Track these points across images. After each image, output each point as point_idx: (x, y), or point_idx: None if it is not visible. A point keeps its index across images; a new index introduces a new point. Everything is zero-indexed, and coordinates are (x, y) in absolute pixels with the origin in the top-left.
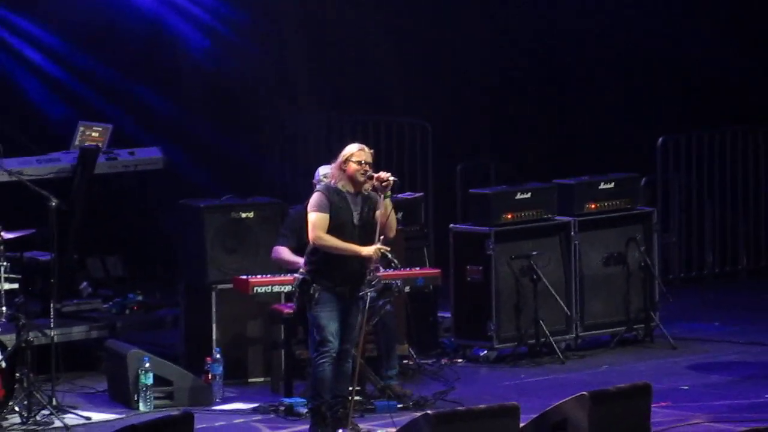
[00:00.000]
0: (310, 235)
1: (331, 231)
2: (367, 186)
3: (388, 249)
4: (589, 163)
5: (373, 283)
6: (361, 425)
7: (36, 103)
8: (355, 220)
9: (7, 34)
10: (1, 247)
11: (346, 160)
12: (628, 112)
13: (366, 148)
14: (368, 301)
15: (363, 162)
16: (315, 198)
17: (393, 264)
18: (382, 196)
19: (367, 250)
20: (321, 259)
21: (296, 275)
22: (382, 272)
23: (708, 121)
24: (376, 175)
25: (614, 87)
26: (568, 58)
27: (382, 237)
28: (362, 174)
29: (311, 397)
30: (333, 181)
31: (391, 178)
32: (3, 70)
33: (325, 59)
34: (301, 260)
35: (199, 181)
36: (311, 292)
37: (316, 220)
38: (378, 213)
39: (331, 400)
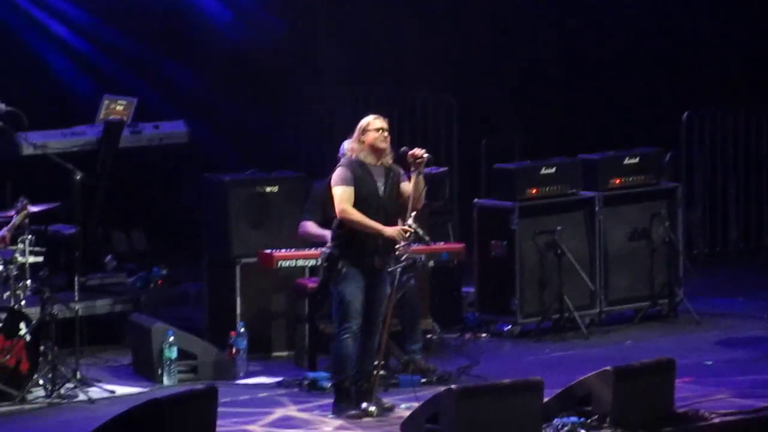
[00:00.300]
0: (337, 208)
1: (356, 203)
2: (388, 159)
3: (416, 226)
4: (614, 139)
5: (402, 259)
6: (384, 399)
7: (61, 76)
8: (380, 192)
9: (33, 8)
10: (27, 221)
11: (364, 131)
12: (653, 87)
13: (380, 117)
14: (397, 277)
15: (381, 129)
16: (338, 172)
17: (425, 239)
18: (416, 172)
19: (390, 231)
20: (348, 233)
21: (323, 249)
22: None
23: (733, 96)
24: (410, 152)
25: (640, 62)
26: (593, 32)
27: (414, 213)
28: (382, 140)
29: (334, 373)
30: (353, 155)
31: (426, 155)
32: (29, 43)
33: (350, 32)
34: (328, 233)
35: (223, 154)
36: (338, 267)
37: (341, 193)
38: (404, 186)
39: (356, 374)
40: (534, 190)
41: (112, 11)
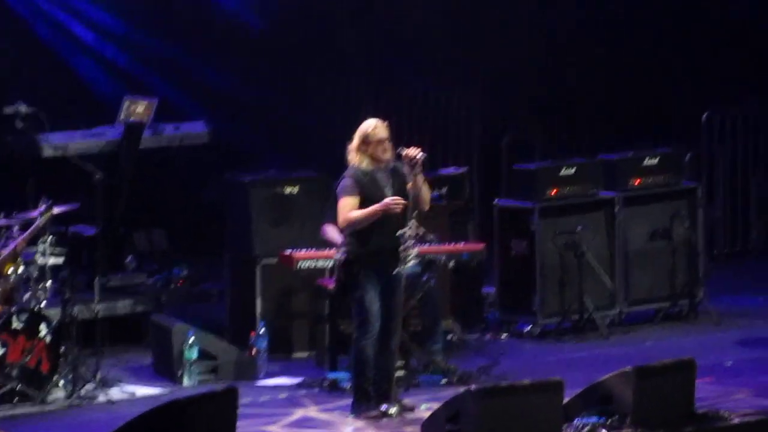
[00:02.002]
0: (339, 220)
1: None
2: (390, 160)
3: (417, 227)
4: (634, 138)
5: (408, 259)
6: (405, 400)
7: (82, 77)
8: (388, 197)
9: (55, 9)
10: (48, 221)
11: (365, 142)
12: (673, 86)
13: (381, 123)
14: (403, 278)
15: (382, 140)
16: (343, 183)
17: (427, 239)
18: (413, 173)
19: (383, 204)
20: (358, 239)
21: (336, 255)
22: (418, 248)
23: (753, 95)
24: (404, 153)
25: (659, 62)
26: (613, 34)
27: (416, 212)
28: (384, 152)
29: (354, 376)
30: (356, 164)
31: (420, 155)
32: (50, 44)
33: (374, 30)
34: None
35: (245, 150)
36: (354, 272)
37: (344, 204)
38: (410, 186)
39: (376, 375)
40: (554, 191)
41: (133, 11)
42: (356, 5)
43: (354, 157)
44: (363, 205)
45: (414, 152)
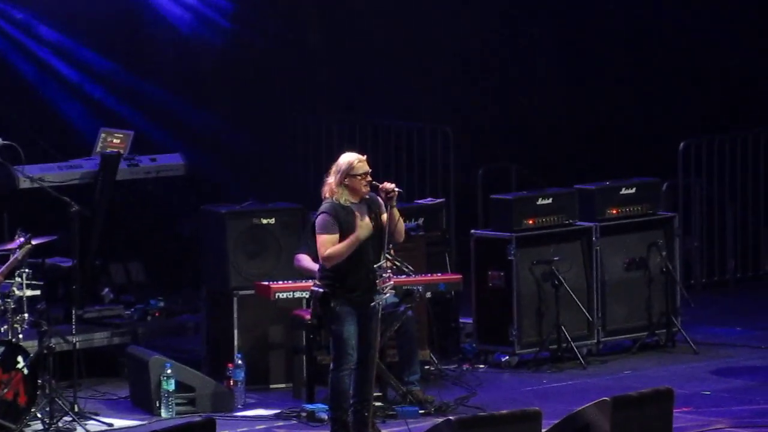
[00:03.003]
0: (321, 257)
1: None
2: (364, 190)
3: (394, 258)
4: (611, 168)
5: (385, 290)
6: (383, 431)
7: (58, 109)
8: None
9: (30, 42)
10: (26, 255)
11: (347, 174)
12: (649, 116)
13: (362, 157)
14: (380, 308)
15: (365, 174)
16: (320, 220)
17: (405, 270)
18: (389, 205)
19: (361, 231)
20: (335, 272)
21: (313, 288)
22: (394, 279)
23: (730, 125)
24: (381, 186)
25: (635, 91)
26: (589, 62)
27: (391, 246)
28: (365, 186)
29: (331, 408)
30: (334, 197)
31: (396, 189)
32: (25, 77)
33: (345, 63)
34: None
35: (220, 185)
36: (331, 306)
37: (324, 242)
38: (384, 218)
39: (356, 403)
40: (531, 221)
41: (109, 44)
42: (329, 39)
43: (333, 190)
44: (342, 239)
45: (390, 186)
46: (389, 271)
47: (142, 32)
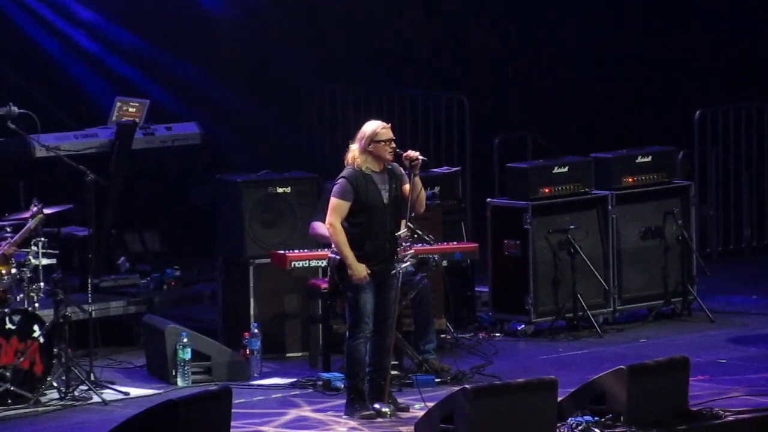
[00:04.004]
0: (327, 218)
1: (361, 213)
2: (389, 157)
3: (415, 228)
4: (627, 137)
5: (405, 259)
6: (399, 399)
7: (73, 78)
8: (385, 199)
9: (47, 11)
10: (40, 224)
11: (372, 141)
12: (666, 85)
13: (386, 124)
14: (400, 277)
15: (390, 140)
16: (339, 185)
17: (426, 240)
18: (412, 174)
19: (356, 272)
20: (354, 239)
21: (330, 255)
22: (414, 247)
23: (745, 94)
24: (404, 154)
25: (652, 60)
26: (605, 31)
27: (413, 214)
28: (390, 152)
29: (347, 377)
30: (356, 164)
31: (420, 157)
32: (42, 46)
33: (361, 33)
34: None
35: (235, 154)
36: (348, 273)
37: (335, 207)
38: (406, 188)
39: (373, 371)
40: (547, 189)
41: (124, 14)
42: (342, 9)
43: (356, 157)
44: (355, 207)
45: (415, 154)
46: (410, 239)
47: (159, 3)
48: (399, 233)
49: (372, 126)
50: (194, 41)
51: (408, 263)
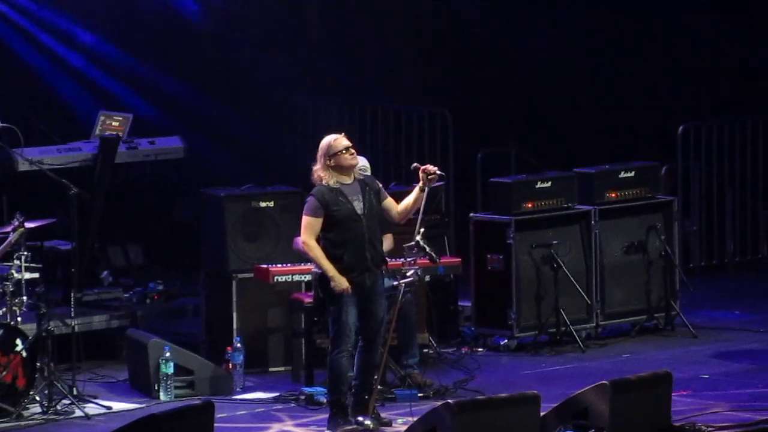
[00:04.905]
0: (302, 237)
1: (337, 228)
2: (358, 172)
3: (424, 242)
4: (610, 152)
5: (408, 274)
6: (381, 414)
7: (57, 92)
8: (359, 210)
9: (29, 25)
10: (22, 238)
11: (331, 155)
12: (649, 100)
13: (338, 135)
14: (402, 291)
15: (347, 148)
16: (308, 202)
17: (433, 257)
18: (423, 187)
19: (338, 284)
20: (336, 253)
21: (313, 269)
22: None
23: (728, 109)
24: (422, 167)
25: (635, 75)
26: (588, 45)
27: (422, 229)
28: (351, 158)
29: (329, 391)
30: (322, 181)
31: (438, 173)
32: (24, 60)
33: (346, 46)
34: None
35: (219, 168)
36: (331, 286)
37: (306, 224)
38: (388, 201)
39: (358, 386)
40: (530, 204)
41: (108, 27)
42: (327, 22)
43: (321, 175)
44: (328, 221)
45: (433, 168)
46: (415, 252)
47: (141, 15)
48: (408, 244)
49: (326, 141)
50: (178, 55)
51: (411, 278)
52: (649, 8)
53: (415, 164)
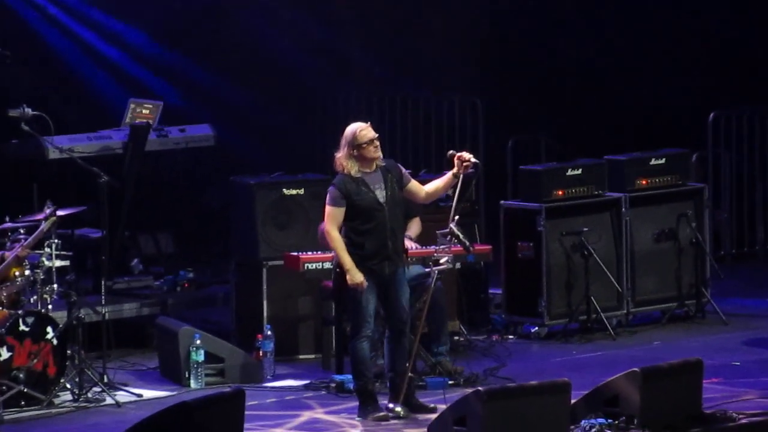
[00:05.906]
0: (324, 226)
1: (359, 217)
2: (380, 160)
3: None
4: (640, 139)
5: (442, 261)
6: (420, 400)
7: (87, 80)
8: (380, 199)
9: (60, 14)
10: (54, 226)
11: (355, 145)
12: (680, 87)
13: (364, 125)
14: (434, 278)
15: (373, 139)
16: (329, 193)
17: (466, 245)
18: (456, 174)
19: (353, 278)
20: (356, 240)
21: (335, 255)
22: (442, 249)
23: (759, 97)
24: (458, 155)
25: (666, 62)
26: (618, 33)
27: (456, 217)
28: (375, 151)
29: (354, 378)
30: (344, 170)
31: (473, 160)
32: (55, 48)
33: (376, 34)
34: None
35: (249, 157)
36: (347, 278)
37: (329, 214)
38: (411, 185)
39: (392, 376)
40: (560, 192)
41: (139, 16)
42: (356, 15)
43: (343, 164)
44: (350, 211)
45: (467, 155)
46: (449, 240)
47: (171, 4)
48: (442, 231)
49: (351, 130)
50: (208, 43)
51: (444, 266)
52: None
53: (451, 151)
